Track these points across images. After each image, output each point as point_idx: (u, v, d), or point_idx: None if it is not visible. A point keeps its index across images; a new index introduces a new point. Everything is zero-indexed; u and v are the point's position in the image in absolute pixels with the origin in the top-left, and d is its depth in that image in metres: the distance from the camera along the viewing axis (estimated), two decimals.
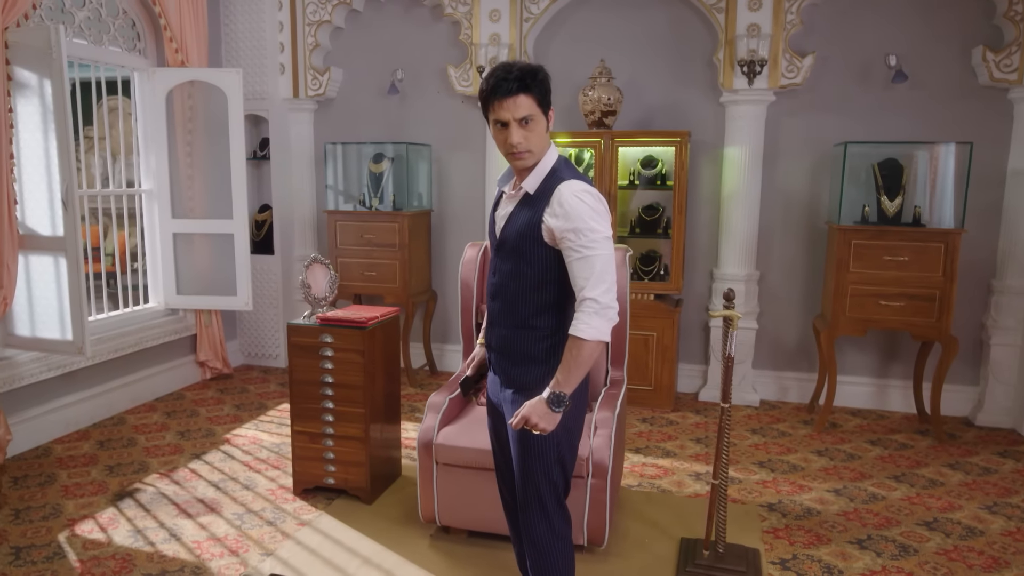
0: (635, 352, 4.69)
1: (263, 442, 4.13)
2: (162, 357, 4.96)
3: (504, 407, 2.12)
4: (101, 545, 2.99)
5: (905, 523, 3.25)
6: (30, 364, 3.94)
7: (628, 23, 4.92)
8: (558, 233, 1.87)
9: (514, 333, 2.02)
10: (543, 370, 1.99)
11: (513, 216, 1.99)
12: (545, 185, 1.93)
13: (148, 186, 4.93)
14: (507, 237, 2.00)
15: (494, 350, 2.10)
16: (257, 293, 5.56)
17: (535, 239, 1.93)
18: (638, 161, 4.84)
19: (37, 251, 3.74)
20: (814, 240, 4.80)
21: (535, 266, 1.96)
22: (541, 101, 1.88)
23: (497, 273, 2.05)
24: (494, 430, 2.25)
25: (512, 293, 2.01)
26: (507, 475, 2.24)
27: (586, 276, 1.85)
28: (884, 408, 4.78)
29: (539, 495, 2.05)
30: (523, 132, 1.87)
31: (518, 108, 1.85)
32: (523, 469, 2.05)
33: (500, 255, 2.04)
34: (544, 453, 2.02)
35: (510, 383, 2.06)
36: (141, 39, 4.79)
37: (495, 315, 2.08)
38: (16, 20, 3.61)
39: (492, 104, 1.88)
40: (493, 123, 1.91)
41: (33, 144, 3.66)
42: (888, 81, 4.49)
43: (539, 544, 2.07)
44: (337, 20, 5.35)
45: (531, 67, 1.87)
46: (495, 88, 1.85)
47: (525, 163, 1.93)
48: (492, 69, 1.90)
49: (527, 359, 2.02)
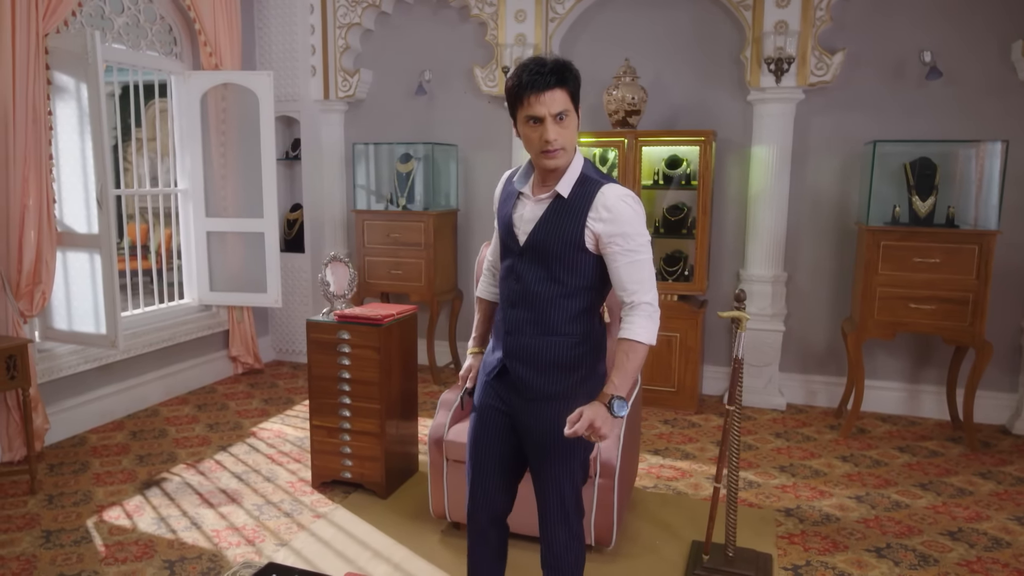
0: (658, 353, 4.66)
1: (287, 436, 4.23)
2: (195, 352, 5.12)
3: (519, 418, 1.99)
4: (126, 531, 3.11)
5: (928, 532, 3.16)
6: (68, 356, 4.11)
7: (654, 22, 4.88)
8: (605, 238, 1.84)
9: (541, 341, 1.92)
10: (575, 377, 1.95)
11: (545, 220, 1.88)
12: (580, 189, 1.86)
13: (184, 186, 5.09)
14: (538, 241, 1.89)
15: (512, 359, 1.96)
16: (288, 290, 5.69)
17: (577, 245, 1.86)
18: (663, 161, 4.80)
19: (74, 248, 3.90)
20: (844, 241, 4.69)
21: (574, 272, 1.89)
22: (574, 96, 1.82)
23: (520, 279, 1.93)
24: (487, 444, 2.07)
25: (544, 300, 1.91)
26: (496, 493, 2.09)
27: (638, 280, 1.85)
28: (916, 414, 4.65)
29: (562, 500, 2.01)
30: (558, 128, 1.79)
31: (554, 103, 1.76)
32: (547, 476, 1.99)
33: (525, 259, 1.92)
34: (570, 457, 1.99)
35: (530, 392, 1.95)
36: (177, 43, 4.95)
37: (516, 323, 1.95)
38: (56, 27, 3.77)
39: (526, 99, 1.77)
40: (525, 119, 1.80)
41: (71, 145, 3.82)
42: (922, 78, 4.37)
43: (556, 548, 2.04)
44: (367, 22, 5.43)
45: (564, 61, 1.81)
46: (531, 83, 1.75)
47: (558, 162, 1.84)
48: (523, 63, 1.80)
49: (556, 367, 1.94)
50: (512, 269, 1.95)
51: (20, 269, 3.68)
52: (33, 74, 3.62)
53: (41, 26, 3.66)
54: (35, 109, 3.64)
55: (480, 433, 2.08)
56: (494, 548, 2.16)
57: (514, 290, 1.95)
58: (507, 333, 1.96)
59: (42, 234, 3.72)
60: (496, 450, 2.07)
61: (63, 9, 3.78)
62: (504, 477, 2.10)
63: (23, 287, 3.70)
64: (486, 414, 2.06)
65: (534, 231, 1.89)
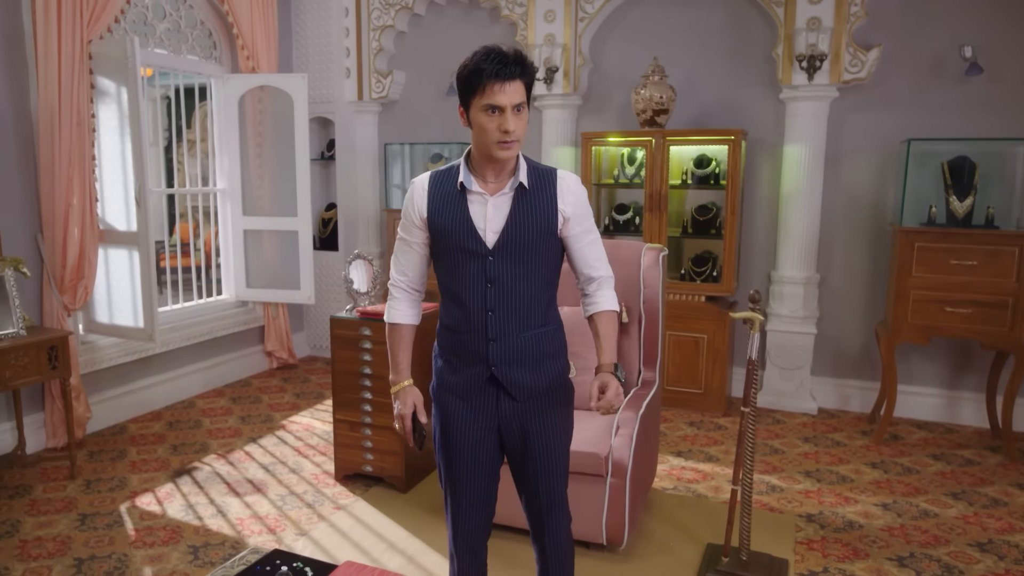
0: (685, 354, 4.62)
1: (315, 429, 4.33)
2: (232, 346, 5.28)
3: (512, 423, 1.94)
4: (156, 517, 3.24)
5: (955, 543, 3.06)
6: (109, 349, 4.29)
7: (684, 20, 4.84)
8: (573, 220, 1.88)
9: (528, 337, 1.90)
10: (562, 363, 1.99)
11: (516, 214, 1.84)
12: (537, 178, 1.86)
13: (222, 185, 5.26)
14: (514, 237, 1.84)
15: (502, 365, 1.89)
16: (322, 288, 5.82)
17: (551, 232, 1.87)
18: (691, 160, 4.75)
19: (114, 245, 4.07)
20: (879, 242, 4.57)
21: (549, 260, 1.90)
22: (530, 90, 1.81)
23: (495, 281, 1.85)
24: (485, 473, 1.99)
25: (525, 295, 1.87)
26: (485, 502, 2.03)
27: (600, 256, 1.93)
28: (954, 421, 4.50)
29: (563, 493, 2.05)
30: (516, 119, 1.76)
31: (515, 93, 1.74)
32: (552, 470, 1.99)
33: (498, 260, 1.85)
34: (565, 449, 2.03)
35: (523, 393, 1.91)
36: (217, 47, 5.12)
37: (500, 327, 1.87)
38: (100, 33, 3.94)
39: (489, 86, 1.72)
40: (483, 108, 1.74)
41: (112, 146, 3.99)
42: (961, 74, 4.23)
43: (559, 539, 2.07)
44: (400, 24, 5.52)
45: (523, 53, 1.79)
46: (495, 71, 1.71)
47: (512, 153, 1.80)
48: (483, 51, 1.75)
49: (547, 357, 1.94)
50: (482, 273, 1.85)
51: (64, 264, 3.85)
52: (77, 79, 3.79)
53: (86, 33, 3.83)
54: (79, 112, 3.81)
55: (471, 463, 1.96)
56: (481, 564, 2.13)
57: (490, 294, 1.86)
58: (491, 340, 1.87)
59: (85, 231, 3.90)
60: (492, 477, 2.00)
61: (107, 16, 3.95)
62: (494, 497, 2.05)
63: (67, 282, 3.88)
64: (470, 440, 1.95)
65: (508, 227, 1.84)
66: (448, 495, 2.03)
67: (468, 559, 2.07)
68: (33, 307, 3.85)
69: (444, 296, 1.96)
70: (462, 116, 1.83)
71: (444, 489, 2.05)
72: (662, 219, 4.58)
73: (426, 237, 1.93)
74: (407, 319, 2.02)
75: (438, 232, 1.88)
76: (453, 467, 1.98)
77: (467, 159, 1.88)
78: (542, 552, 2.08)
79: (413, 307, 2.03)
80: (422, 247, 1.95)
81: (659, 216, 4.58)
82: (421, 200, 1.90)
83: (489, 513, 2.06)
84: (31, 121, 3.79)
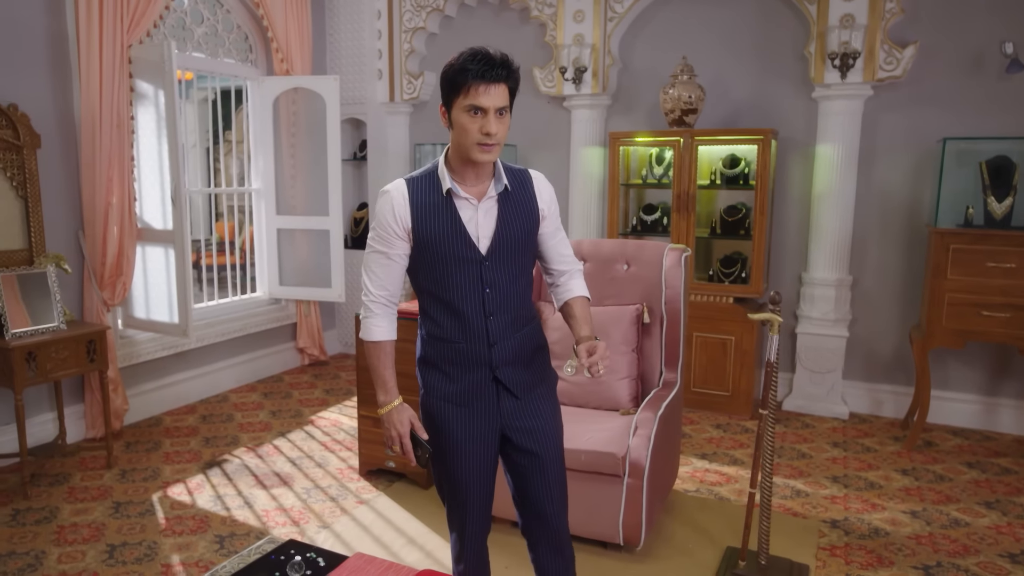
0: (712, 356, 4.58)
1: (342, 425, 4.41)
2: (265, 342, 5.40)
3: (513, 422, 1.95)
4: (185, 506, 3.34)
5: (985, 553, 2.98)
6: (147, 343, 4.43)
7: (714, 18, 4.79)
8: (549, 218, 1.95)
9: (522, 334, 1.93)
10: (547, 356, 2.06)
11: (503, 217, 1.85)
12: (514, 179, 1.89)
13: (257, 185, 5.38)
14: (507, 240, 1.85)
15: (504, 367, 1.90)
16: (355, 286, 5.90)
17: (535, 232, 1.93)
18: (720, 160, 4.71)
19: (152, 243, 4.21)
20: (915, 244, 4.46)
21: (531, 258, 1.97)
22: (513, 95, 1.79)
23: (493, 285, 1.85)
24: (486, 480, 1.99)
25: (517, 295, 1.91)
26: (489, 502, 2.04)
27: (569, 251, 2.02)
28: (992, 429, 4.37)
29: (565, 484, 2.06)
30: (499, 123, 1.74)
31: (499, 96, 1.73)
32: (551, 463, 1.99)
33: (492, 264, 1.84)
34: (561, 443, 2.05)
35: (521, 388, 1.93)
36: (252, 51, 5.24)
37: (500, 330, 1.88)
38: (139, 38, 4.08)
39: (473, 87, 1.70)
40: (466, 108, 1.72)
41: (149, 147, 4.12)
42: (1002, 71, 4.10)
43: (563, 534, 2.05)
44: (431, 26, 5.58)
45: (510, 57, 1.77)
46: (481, 72, 1.69)
47: (492, 156, 1.78)
48: (469, 52, 1.73)
49: (539, 350, 2.01)
50: (478, 279, 1.83)
51: (104, 262, 4.00)
52: (118, 82, 3.93)
53: (126, 38, 3.97)
54: (119, 115, 3.95)
55: (475, 467, 1.95)
56: (486, 562, 2.15)
57: (489, 299, 1.85)
58: (493, 344, 1.87)
59: (124, 229, 4.04)
60: (492, 477, 2.01)
61: (146, 21, 4.08)
62: (492, 496, 2.06)
63: (106, 278, 4.02)
64: (473, 446, 1.93)
65: (498, 231, 1.84)
66: (452, 504, 2.00)
67: (476, 560, 2.09)
68: (75, 302, 4.00)
69: (432, 306, 1.90)
70: (443, 116, 1.79)
71: (445, 499, 2.02)
72: (690, 220, 4.55)
73: (408, 248, 1.86)
74: (388, 335, 1.92)
75: (427, 242, 1.82)
76: (456, 475, 1.95)
77: (445, 162, 1.84)
78: (548, 545, 2.05)
79: (392, 322, 1.93)
80: (402, 259, 1.87)
81: (687, 217, 4.55)
82: (403, 209, 1.81)
83: (490, 510, 2.07)
84: (74, 123, 3.94)
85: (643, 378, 3.31)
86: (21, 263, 3.65)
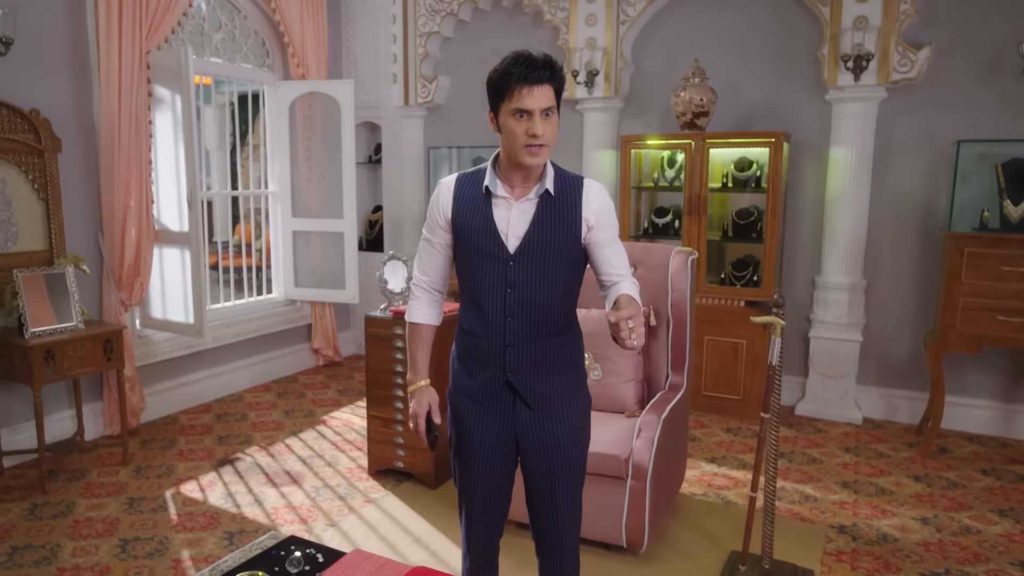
0: (723, 360, 4.57)
1: (354, 425, 4.46)
2: (280, 343, 5.47)
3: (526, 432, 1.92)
4: (197, 503, 3.40)
5: (996, 561, 2.94)
6: (163, 343, 4.51)
7: (727, 21, 4.78)
8: (597, 228, 1.86)
9: (547, 344, 1.89)
10: (580, 373, 1.97)
11: (540, 220, 1.83)
12: (564, 185, 1.86)
13: (273, 188, 5.46)
14: (537, 243, 1.84)
15: (519, 371, 1.88)
16: (369, 288, 5.96)
17: (574, 240, 1.85)
18: (732, 163, 4.69)
19: (168, 244, 4.29)
20: (930, 248, 4.41)
21: (570, 269, 1.88)
22: (559, 95, 1.80)
23: (516, 286, 1.84)
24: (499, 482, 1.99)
25: (545, 302, 1.86)
26: (499, 506, 2.03)
27: (622, 261, 1.89)
28: (1009, 436, 4.30)
29: (578, 505, 2.01)
30: (545, 124, 1.75)
31: (544, 98, 1.73)
32: (563, 481, 1.95)
33: (519, 265, 1.83)
34: (583, 461, 1.99)
35: (538, 401, 1.90)
36: (269, 55, 5.33)
37: (518, 333, 1.86)
38: (158, 44, 4.17)
39: (516, 91, 1.72)
40: (512, 112, 1.74)
41: (166, 151, 4.21)
42: (1019, 73, 4.04)
43: (567, 556, 2.02)
44: (445, 31, 5.62)
45: (553, 58, 1.78)
46: (523, 75, 1.71)
47: (540, 159, 1.78)
48: (512, 56, 1.75)
49: (565, 365, 1.93)
50: (503, 278, 1.84)
51: (122, 263, 4.09)
52: (136, 87, 4.02)
53: (144, 44, 4.06)
54: (137, 119, 4.04)
55: (485, 468, 1.95)
56: (493, 564, 2.14)
57: (510, 299, 1.85)
58: (508, 346, 1.87)
59: (141, 231, 4.12)
60: (506, 483, 2.00)
61: (164, 28, 4.17)
62: (508, 501, 2.04)
63: (124, 279, 4.11)
64: (485, 445, 1.94)
65: (530, 233, 1.83)
66: (462, 498, 2.03)
67: (480, 559, 2.09)
68: (93, 302, 4.09)
69: (464, 299, 1.94)
70: (492, 122, 1.82)
71: (458, 491, 2.05)
72: (701, 223, 4.54)
73: (449, 238, 1.92)
74: (427, 319, 2.01)
75: (461, 234, 1.88)
76: (467, 471, 1.97)
77: (495, 164, 1.88)
78: (549, 565, 2.03)
79: (433, 307, 2.01)
80: (445, 248, 1.94)
81: (698, 220, 4.54)
82: (447, 201, 1.90)
83: (502, 516, 2.05)
84: (94, 128, 4.04)
85: (649, 381, 3.31)
86: (42, 264, 3.74)
